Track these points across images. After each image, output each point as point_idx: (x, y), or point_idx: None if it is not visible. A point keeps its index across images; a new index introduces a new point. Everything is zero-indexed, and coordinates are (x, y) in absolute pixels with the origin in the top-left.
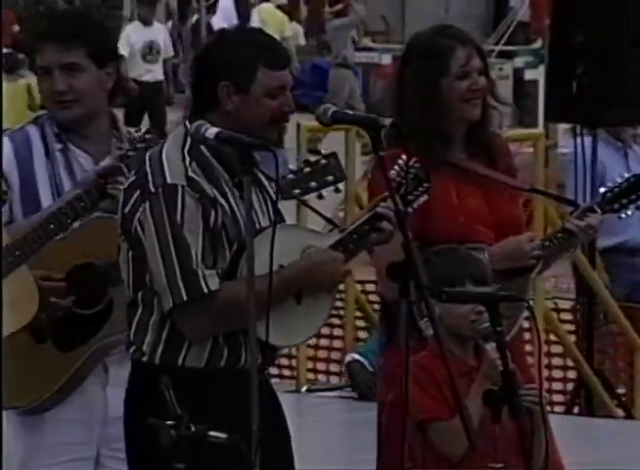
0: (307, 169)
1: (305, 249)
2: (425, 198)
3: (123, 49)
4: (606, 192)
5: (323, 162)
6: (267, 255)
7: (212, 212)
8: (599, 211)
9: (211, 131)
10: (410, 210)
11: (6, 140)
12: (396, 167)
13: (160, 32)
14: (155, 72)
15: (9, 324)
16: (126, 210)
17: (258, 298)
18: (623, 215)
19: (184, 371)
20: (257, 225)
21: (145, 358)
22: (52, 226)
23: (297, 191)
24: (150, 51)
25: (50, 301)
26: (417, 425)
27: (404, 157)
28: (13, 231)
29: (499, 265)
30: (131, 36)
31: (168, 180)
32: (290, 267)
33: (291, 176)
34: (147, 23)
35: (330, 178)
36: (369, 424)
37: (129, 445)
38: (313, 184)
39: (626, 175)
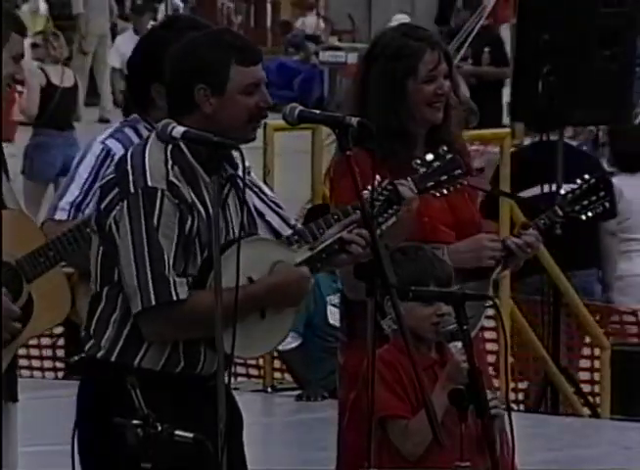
0: (437, 163)
1: (274, 264)
2: (394, 219)
3: (114, 61)
4: (566, 194)
5: (449, 156)
6: (235, 268)
7: (189, 219)
8: (560, 212)
9: (178, 130)
10: (378, 232)
11: (113, 142)
12: (369, 187)
13: None
14: None
15: (43, 324)
16: (102, 205)
17: (225, 310)
18: (584, 217)
19: (138, 372)
20: (232, 234)
21: (101, 354)
22: (89, 230)
23: (431, 183)
24: None
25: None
26: (377, 422)
27: (378, 178)
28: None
29: (458, 263)
30: (121, 47)
31: (149, 183)
32: (258, 283)
33: (423, 170)
34: (138, 31)
35: (458, 172)
36: (334, 423)
37: (81, 442)
38: (444, 178)
39: (587, 177)
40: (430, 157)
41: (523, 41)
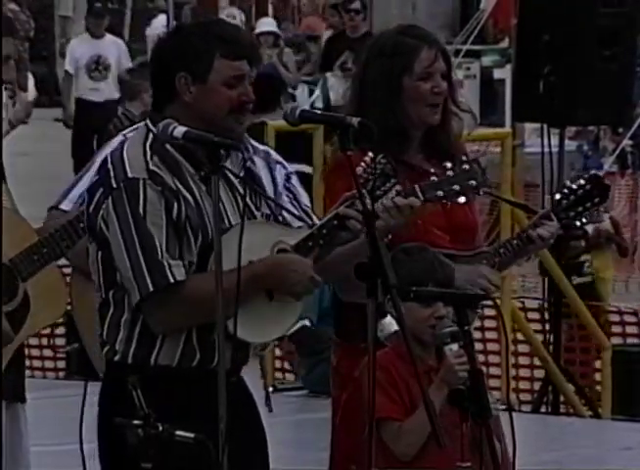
0: (450, 173)
1: (275, 244)
2: (393, 194)
3: (68, 65)
4: (561, 200)
5: (466, 166)
6: (236, 250)
7: (175, 205)
8: (554, 218)
9: (179, 130)
10: (379, 206)
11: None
12: (363, 164)
13: (111, 46)
14: (102, 91)
15: (41, 321)
16: (90, 209)
17: (227, 293)
18: (578, 223)
19: (156, 369)
20: (227, 223)
21: (117, 357)
22: (82, 224)
23: (441, 193)
24: (96, 67)
25: None
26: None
27: (370, 153)
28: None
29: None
30: (76, 50)
31: (129, 175)
32: (259, 262)
33: (433, 178)
34: (95, 35)
35: (472, 183)
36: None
37: (100, 444)
38: (456, 187)
39: (582, 182)
40: (448, 165)
41: (523, 41)
